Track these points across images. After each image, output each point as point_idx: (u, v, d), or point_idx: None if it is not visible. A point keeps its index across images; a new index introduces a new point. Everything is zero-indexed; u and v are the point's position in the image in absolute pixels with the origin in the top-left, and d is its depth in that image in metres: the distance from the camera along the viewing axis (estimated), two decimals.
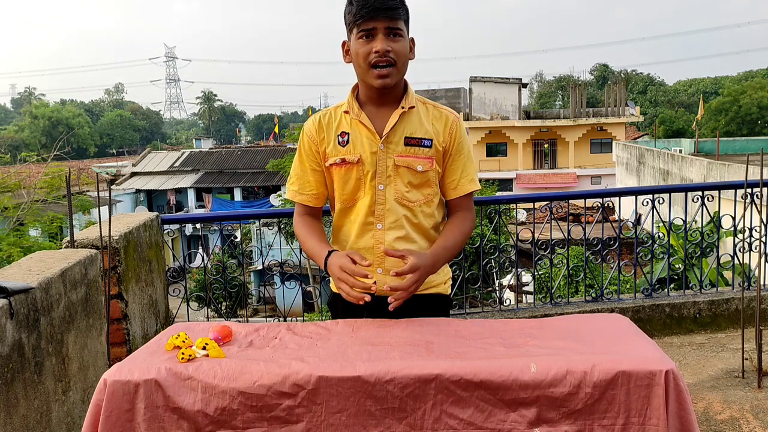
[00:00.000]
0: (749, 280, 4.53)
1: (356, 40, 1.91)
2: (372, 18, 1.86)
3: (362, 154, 1.98)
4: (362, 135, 1.99)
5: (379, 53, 1.88)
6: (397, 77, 1.94)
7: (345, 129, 2.01)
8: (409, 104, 2.00)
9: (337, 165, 2.01)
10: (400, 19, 1.91)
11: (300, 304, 12.23)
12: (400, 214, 1.99)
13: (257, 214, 7.17)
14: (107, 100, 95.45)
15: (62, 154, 14.47)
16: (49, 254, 2.51)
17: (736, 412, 3.08)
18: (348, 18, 1.93)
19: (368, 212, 2.00)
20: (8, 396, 1.87)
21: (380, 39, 1.88)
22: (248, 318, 5.18)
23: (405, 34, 1.94)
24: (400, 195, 1.99)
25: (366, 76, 1.93)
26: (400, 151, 1.98)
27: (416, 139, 1.99)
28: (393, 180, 1.99)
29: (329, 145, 2.02)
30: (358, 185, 2.01)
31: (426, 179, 2.01)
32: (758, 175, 4.31)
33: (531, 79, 72.86)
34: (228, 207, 32.43)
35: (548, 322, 1.87)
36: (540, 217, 4.73)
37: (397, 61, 1.91)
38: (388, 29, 1.88)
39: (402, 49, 1.92)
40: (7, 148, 27.68)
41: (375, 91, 1.97)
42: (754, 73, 59.71)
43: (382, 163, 1.98)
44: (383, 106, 2.00)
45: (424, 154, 1.99)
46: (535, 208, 5.03)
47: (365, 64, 1.91)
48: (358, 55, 1.91)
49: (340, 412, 1.51)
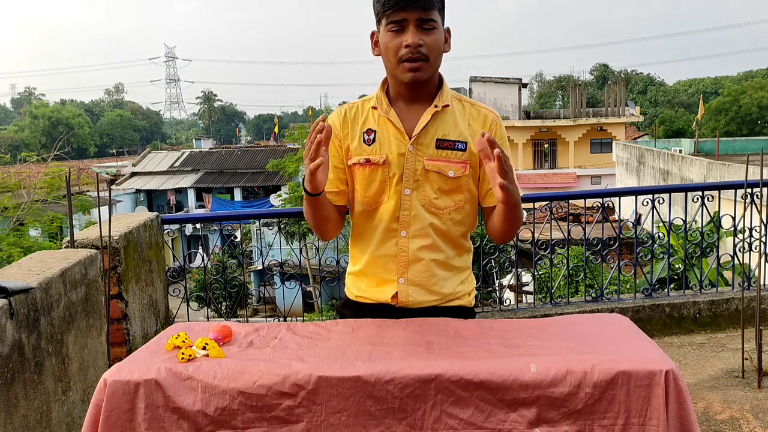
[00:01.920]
0: (749, 280, 4.53)
1: (385, 32, 1.76)
2: (403, 8, 1.71)
3: (389, 155, 1.83)
4: (390, 134, 1.84)
5: (411, 47, 1.73)
6: (429, 72, 1.78)
7: (372, 126, 1.86)
8: (443, 102, 1.84)
9: (360, 165, 1.86)
10: (434, 9, 1.74)
11: (300, 304, 12.22)
12: (426, 222, 1.84)
13: (257, 214, 7.18)
14: (107, 100, 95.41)
15: (62, 154, 14.48)
16: (49, 254, 2.51)
17: (736, 412, 3.08)
18: (377, 8, 1.78)
19: (392, 218, 1.85)
20: (8, 396, 1.87)
21: (411, 31, 1.72)
22: (248, 318, 5.19)
23: (439, 26, 1.77)
24: (428, 201, 1.84)
25: (396, 71, 1.79)
26: (431, 154, 1.82)
27: (449, 141, 1.83)
28: (421, 185, 1.83)
29: (353, 141, 1.87)
30: (383, 188, 1.85)
31: (458, 185, 1.85)
32: (758, 175, 4.31)
33: (531, 79, 72.88)
34: (228, 207, 32.42)
35: (548, 322, 1.86)
36: (540, 217, 4.73)
37: (430, 55, 1.75)
38: (420, 21, 1.72)
39: (435, 42, 1.76)
40: (7, 148, 27.69)
41: (405, 87, 1.82)
42: (754, 73, 59.68)
43: (411, 167, 1.83)
44: (415, 104, 1.85)
45: (457, 158, 1.83)
46: (535, 208, 5.03)
47: (395, 59, 1.76)
48: (388, 48, 1.76)
49: (340, 412, 1.51)
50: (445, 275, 1.89)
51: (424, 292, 1.88)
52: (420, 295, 1.88)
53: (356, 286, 1.98)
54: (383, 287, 1.90)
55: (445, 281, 1.89)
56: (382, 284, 1.90)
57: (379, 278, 1.91)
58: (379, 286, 1.91)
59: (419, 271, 1.86)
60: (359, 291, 1.96)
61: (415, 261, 1.87)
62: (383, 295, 1.90)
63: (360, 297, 1.96)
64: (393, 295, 1.88)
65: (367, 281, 1.94)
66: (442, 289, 1.89)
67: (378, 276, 1.90)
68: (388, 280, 1.89)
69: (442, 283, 1.89)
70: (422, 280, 1.87)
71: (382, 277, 1.90)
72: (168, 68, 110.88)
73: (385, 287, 1.90)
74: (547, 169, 36.82)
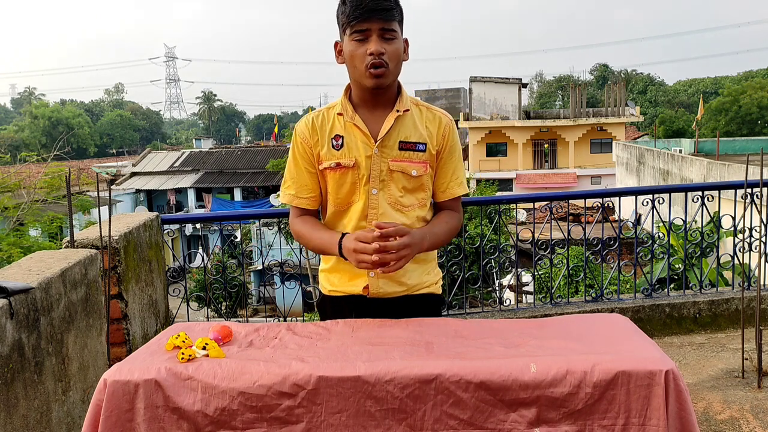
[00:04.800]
0: (749, 280, 4.54)
1: (350, 42, 1.89)
2: (366, 19, 1.84)
3: (357, 158, 1.96)
4: (357, 138, 1.96)
5: (374, 55, 1.85)
6: (390, 78, 1.92)
7: (339, 132, 1.98)
8: (403, 107, 1.97)
9: (331, 169, 1.98)
10: (395, 20, 1.88)
11: (300, 304, 12.21)
12: (393, 219, 1.96)
13: (257, 214, 7.18)
14: (107, 100, 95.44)
15: (62, 154, 14.47)
16: (49, 254, 2.51)
17: (736, 412, 3.08)
18: (341, 18, 1.90)
19: (361, 216, 1.98)
20: (8, 396, 1.87)
21: (374, 41, 1.85)
22: (248, 318, 5.18)
23: (399, 36, 1.91)
24: (394, 200, 1.98)
25: (360, 77, 1.91)
26: (395, 155, 1.96)
27: (411, 143, 1.97)
28: (387, 184, 1.97)
29: (323, 148, 1.99)
30: (353, 189, 1.98)
31: (420, 183, 2.00)
32: (758, 175, 4.31)
33: (531, 79, 72.94)
34: (228, 207, 32.43)
35: (548, 322, 1.87)
36: (540, 217, 4.73)
37: (390, 62, 1.88)
38: (382, 30, 1.86)
39: (396, 50, 1.90)
40: (7, 148, 27.69)
41: (369, 93, 1.95)
42: (754, 73, 59.65)
43: (377, 168, 1.96)
44: (377, 109, 1.98)
45: (418, 159, 1.98)
46: (535, 208, 5.03)
47: (361, 65, 1.88)
48: (353, 56, 1.89)
49: (340, 413, 1.51)
50: (412, 267, 2.01)
51: (393, 284, 2.01)
52: (389, 287, 2.01)
53: (329, 281, 2.10)
54: (355, 281, 2.03)
55: (412, 273, 2.03)
56: (353, 278, 2.03)
57: (350, 273, 2.02)
58: (351, 280, 2.04)
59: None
60: (332, 285, 2.09)
61: None
62: (355, 287, 2.03)
63: (333, 291, 2.09)
64: (364, 287, 2.00)
65: (339, 276, 2.07)
66: (409, 280, 2.03)
67: (349, 271, 2.02)
68: (359, 274, 2.01)
69: (409, 274, 2.02)
70: (391, 273, 1.95)
71: (352, 272, 2.00)
72: (168, 68, 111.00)
73: (356, 280, 2.02)
74: (547, 169, 36.82)
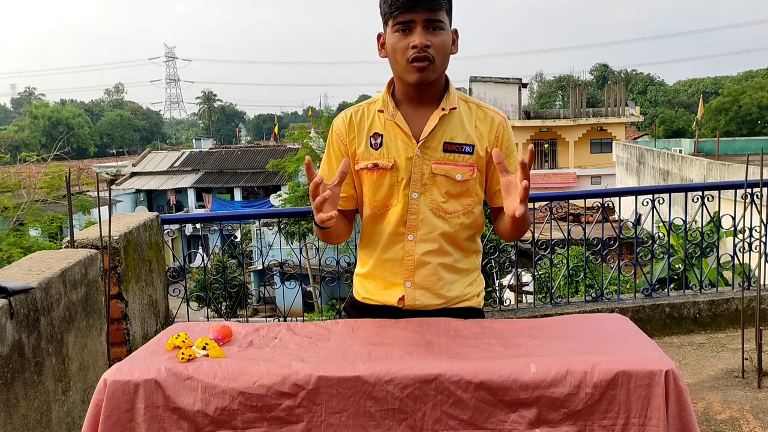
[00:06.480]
0: (749, 280, 4.53)
1: (392, 34, 1.74)
2: (410, 9, 1.69)
3: (397, 159, 1.81)
4: (397, 138, 1.82)
5: (418, 48, 1.70)
6: (436, 73, 1.76)
7: (378, 130, 1.84)
8: (450, 105, 1.82)
9: (368, 170, 1.84)
10: (441, 10, 1.72)
11: (300, 304, 12.21)
12: (434, 226, 1.83)
13: (257, 214, 7.18)
14: (107, 100, 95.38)
15: (62, 154, 14.47)
16: (49, 254, 2.51)
17: (736, 412, 3.08)
18: (383, 8, 1.76)
19: (399, 222, 1.84)
20: (8, 396, 1.87)
21: (419, 32, 1.70)
22: (248, 318, 5.18)
23: (446, 26, 1.75)
24: (436, 205, 1.83)
25: (402, 73, 1.76)
26: (438, 157, 1.81)
27: (456, 144, 1.81)
28: (429, 189, 1.82)
29: (360, 146, 1.85)
30: (391, 192, 1.84)
31: (466, 188, 1.84)
32: (758, 175, 4.31)
33: (531, 79, 72.89)
34: (228, 207, 32.42)
35: (548, 322, 1.86)
36: (540, 217, 4.73)
37: (437, 56, 1.73)
38: (427, 21, 1.70)
39: (443, 43, 1.74)
40: (7, 148, 27.68)
41: (412, 89, 1.80)
42: (754, 73, 59.66)
43: (418, 170, 1.81)
44: (421, 106, 1.83)
45: (464, 162, 1.82)
46: (535, 208, 5.02)
47: (402, 60, 1.73)
48: (395, 50, 1.74)
49: (340, 413, 1.51)
50: (452, 278, 1.88)
51: (431, 296, 1.87)
52: (426, 299, 1.87)
53: (364, 287, 1.98)
54: (390, 290, 1.90)
55: (452, 284, 1.88)
56: (389, 287, 1.90)
57: (386, 281, 1.91)
58: (386, 289, 1.91)
59: (426, 274, 1.85)
60: (367, 293, 1.96)
61: (421, 265, 1.86)
62: (390, 298, 1.90)
63: (367, 299, 1.96)
64: (400, 298, 1.88)
65: (375, 284, 1.94)
66: (448, 292, 1.88)
67: (385, 279, 1.91)
68: (395, 284, 1.88)
69: (448, 286, 1.88)
70: (429, 284, 1.86)
71: (389, 280, 1.90)
72: (168, 68, 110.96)
73: (391, 290, 1.89)
74: (547, 169, 36.80)
